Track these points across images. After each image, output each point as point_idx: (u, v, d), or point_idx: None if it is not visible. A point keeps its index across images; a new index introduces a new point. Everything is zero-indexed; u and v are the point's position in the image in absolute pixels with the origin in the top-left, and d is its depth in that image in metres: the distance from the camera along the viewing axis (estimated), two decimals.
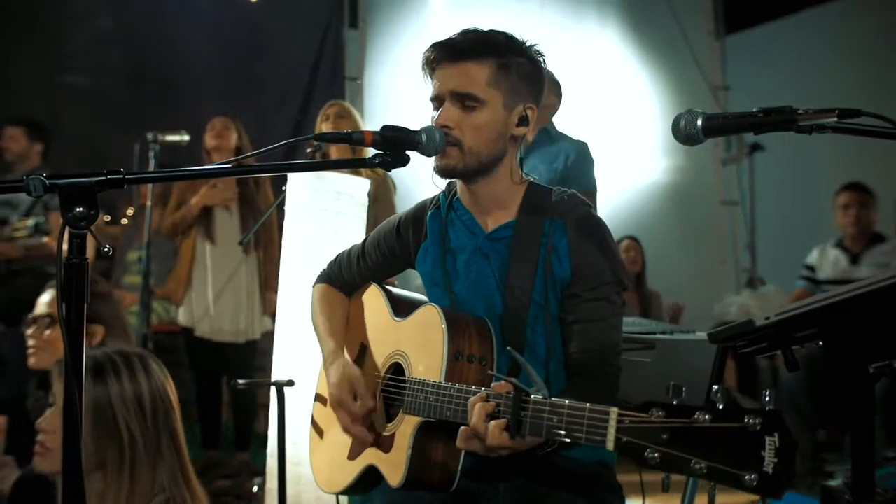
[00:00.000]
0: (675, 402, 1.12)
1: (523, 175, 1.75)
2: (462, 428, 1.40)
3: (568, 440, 1.25)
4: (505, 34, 1.66)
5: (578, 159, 3.26)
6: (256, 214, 4.16)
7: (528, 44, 1.68)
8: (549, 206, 1.68)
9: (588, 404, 1.22)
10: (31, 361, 2.40)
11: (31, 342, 2.40)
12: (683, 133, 1.38)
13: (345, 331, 1.93)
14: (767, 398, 1.06)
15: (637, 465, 1.12)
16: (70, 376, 1.13)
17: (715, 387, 1.10)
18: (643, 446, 1.11)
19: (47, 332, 2.40)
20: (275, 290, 4.14)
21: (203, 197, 4.15)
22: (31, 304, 2.61)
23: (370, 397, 1.73)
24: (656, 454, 1.10)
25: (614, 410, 1.17)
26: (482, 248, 1.71)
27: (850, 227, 4.38)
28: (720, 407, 1.08)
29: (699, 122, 1.36)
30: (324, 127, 3.84)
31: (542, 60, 1.70)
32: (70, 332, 1.14)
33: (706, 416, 1.07)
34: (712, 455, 1.06)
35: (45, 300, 2.46)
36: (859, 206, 4.38)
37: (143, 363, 1.70)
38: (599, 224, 1.68)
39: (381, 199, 3.70)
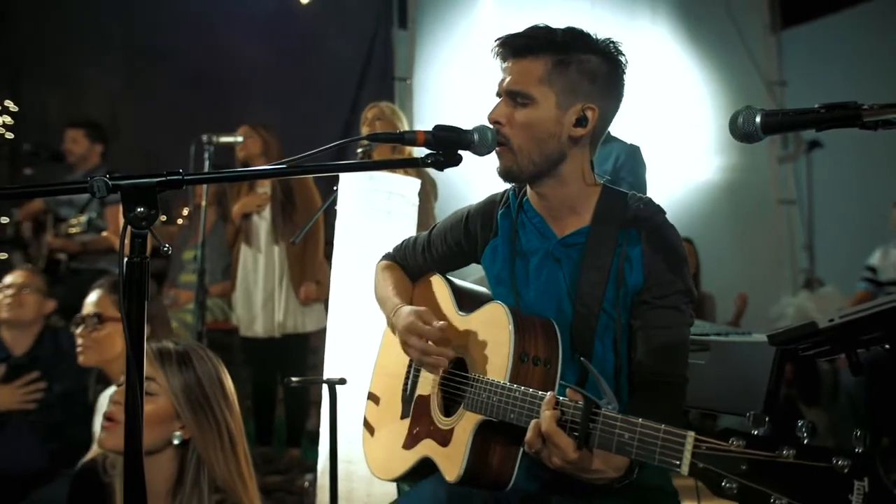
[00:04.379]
0: (756, 433, 1.08)
1: (596, 178, 1.69)
2: (533, 423, 1.38)
3: (641, 460, 1.22)
4: (572, 31, 1.62)
5: (628, 161, 3.21)
6: (291, 216, 4.30)
7: (602, 40, 1.62)
8: (623, 213, 1.64)
9: (663, 425, 1.20)
10: (80, 359, 2.47)
11: (79, 341, 2.47)
12: (741, 130, 1.33)
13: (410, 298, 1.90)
14: (859, 437, 1.02)
15: (713, 494, 1.09)
16: (131, 371, 1.16)
17: (800, 421, 1.06)
18: (720, 475, 1.08)
19: (95, 331, 2.46)
20: (314, 279, 4.30)
21: (242, 206, 4.38)
22: None
23: (441, 322, 1.68)
24: (734, 485, 1.07)
25: (691, 435, 1.14)
26: (554, 252, 1.67)
27: None
28: (805, 442, 1.04)
29: (758, 119, 1.31)
30: (363, 130, 3.89)
31: (621, 59, 1.63)
32: (131, 328, 1.17)
33: (791, 452, 1.03)
34: (795, 493, 1.02)
35: (92, 300, 2.52)
36: None
37: (212, 355, 1.80)
38: (673, 233, 1.64)
39: (421, 201, 3.73)
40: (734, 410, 2.25)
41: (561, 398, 1.38)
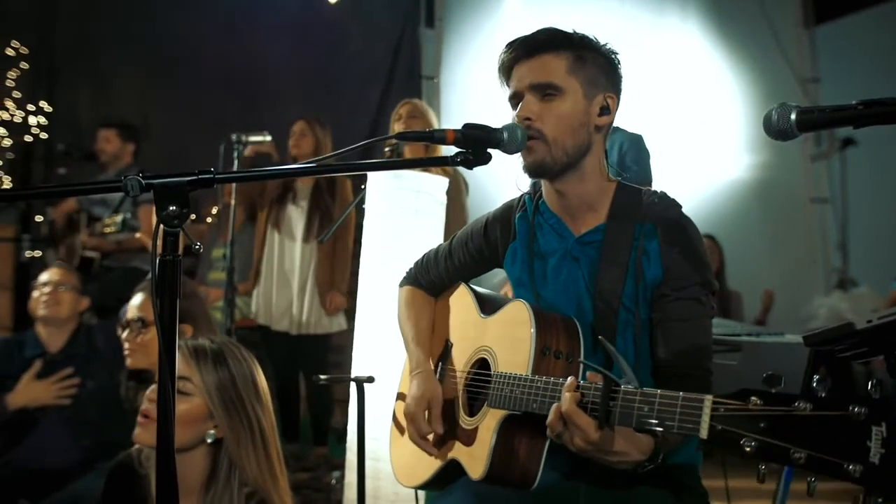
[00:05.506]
0: (773, 391, 1.08)
1: (610, 173, 1.71)
2: (554, 406, 1.37)
3: (659, 429, 1.22)
4: (579, 33, 1.66)
5: (632, 149, 3.18)
6: (325, 212, 4.26)
7: (601, 43, 1.68)
8: (639, 209, 1.65)
9: (681, 393, 1.20)
10: (129, 362, 2.49)
11: (126, 345, 2.49)
12: (776, 128, 1.31)
13: (431, 336, 1.93)
14: (873, 387, 1.02)
15: (731, 455, 1.08)
16: (164, 369, 1.17)
17: (816, 376, 1.07)
18: (739, 435, 1.08)
19: (140, 335, 2.48)
20: (342, 290, 4.28)
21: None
22: (122, 298, 2.72)
23: (440, 423, 1.74)
24: (753, 443, 1.06)
25: (708, 398, 1.15)
26: (572, 251, 1.69)
27: None
28: (822, 395, 1.04)
29: (793, 117, 1.29)
30: (396, 127, 3.87)
31: (615, 58, 1.69)
32: (164, 326, 1.18)
33: (807, 405, 1.04)
34: (813, 444, 1.02)
35: (135, 303, 2.53)
36: None
37: (247, 353, 1.81)
38: (689, 226, 1.64)
39: (452, 200, 3.71)
40: None
41: (581, 381, 1.38)
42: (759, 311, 5.51)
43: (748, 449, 1.07)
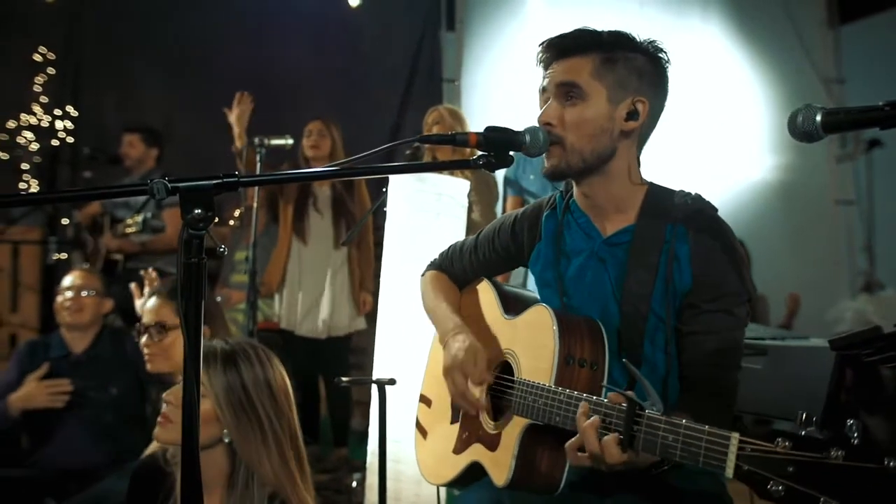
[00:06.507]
0: (803, 433, 1.05)
1: (643, 177, 1.67)
2: (570, 441, 1.37)
3: (685, 462, 1.20)
4: (617, 32, 1.62)
5: None
6: (348, 217, 4.29)
7: (645, 41, 1.63)
8: (670, 210, 1.60)
9: (707, 427, 1.17)
10: (149, 367, 2.49)
11: (146, 350, 2.48)
12: (801, 129, 1.29)
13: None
14: None
15: (758, 497, 1.07)
16: (189, 369, 1.18)
17: (850, 421, 1.02)
18: (766, 478, 1.05)
19: (160, 340, 2.45)
20: (369, 290, 4.31)
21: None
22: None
23: (489, 373, 1.69)
24: (780, 487, 1.04)
25: (735, 436, 1.12)
26: (599, 252, 1.65)
27: None
28: (855, 443, 1.00)
29: (818, 118, 1.27)
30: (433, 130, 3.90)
31: (662, 57, 1.63)
32: (189, 329, 1.19)
33: (840, 453, 1.00)
34: (844, 495, 0.99)
35: (151, 307, 2.51)
36: None
37: (267, 354, 1.81)
38: (724, 229, 1.59)
39: (483, 204, 3.75)
40: (791, 417, 2.19)
41: (591, 401, 1.37)
42: (783, 315, 5.45)
43: (776, 493, 1.04)
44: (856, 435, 1.01)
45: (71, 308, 3.15)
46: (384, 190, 2.88)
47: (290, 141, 4.07)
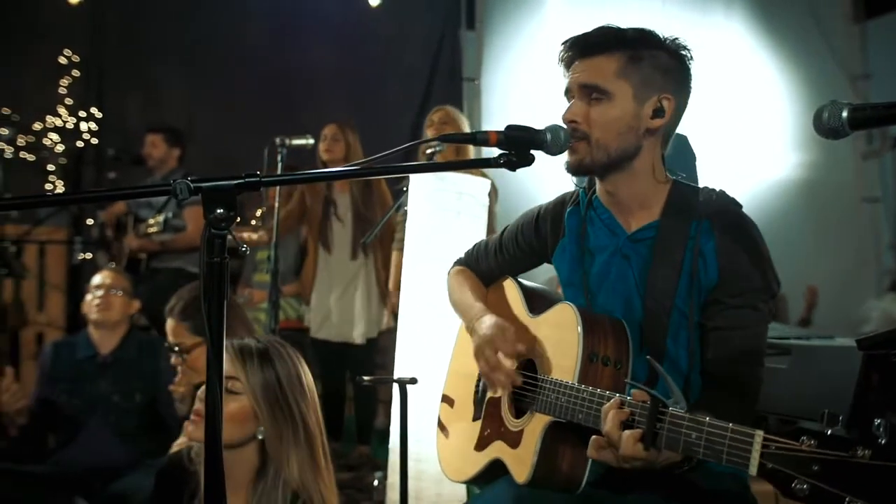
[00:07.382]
0: (828, 432, 1.04)
1: (668, 174, 1.66)
2: (594, 437, 1.36)
3: (708, 459, 1.19)
4: (640, 29, 1.61)
5: (675, 150, 3.15)
6: (366, 222, 4.32)
7: (668, 38, 1.62)
8: (695, 207, 1.59)
9: (731, 424, 1.16)
10: (179, 379, 2.49)
11: (178, 369, 2.48)
12: (827, 126, 1.27)
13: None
14: None
15: (782, 495, 1.05)
16: (211, 368, 1.19)
17: (877, 420, 1.01)
18: (791, 476, 1.04)
19: (186, 358, 2.46)
20: (397, 288, 4.33)
21: None
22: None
23: (521, 345, 1.67)
24: (805, 486, 1.03)
25: (759, 434, 1.11)
26: (623, 248, 1.64)
27: None
28: (882, 442, 0.99)
29: (845, 114, 1.25)
30: (429, 133, 3.90)
31: (685, 54, 1.62)
32: (211, 327, 1.20)
33: (866, 452, 0.99)
34: (870, 495, 0.97)
35: (169, 328, 2.50)
36: None
37: (294, 352, 1.84)
38: (750, 225, 1.59)
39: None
40: (816, 417, 2.17)
41: (627, 398, 1.35)
42: (802, 309, 5.37)
43: (800, 492, 1.03)
44: (883, 434, 1.00)
45: (100, 306, 3.19)
46: (404, 190, 2.88)
47: (311, 141, 4.08)
